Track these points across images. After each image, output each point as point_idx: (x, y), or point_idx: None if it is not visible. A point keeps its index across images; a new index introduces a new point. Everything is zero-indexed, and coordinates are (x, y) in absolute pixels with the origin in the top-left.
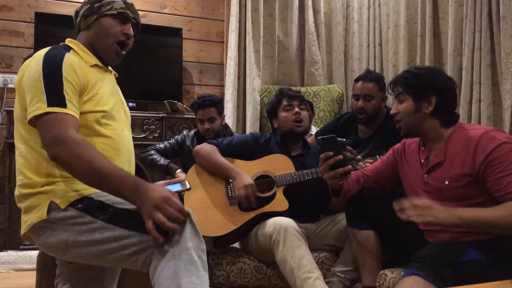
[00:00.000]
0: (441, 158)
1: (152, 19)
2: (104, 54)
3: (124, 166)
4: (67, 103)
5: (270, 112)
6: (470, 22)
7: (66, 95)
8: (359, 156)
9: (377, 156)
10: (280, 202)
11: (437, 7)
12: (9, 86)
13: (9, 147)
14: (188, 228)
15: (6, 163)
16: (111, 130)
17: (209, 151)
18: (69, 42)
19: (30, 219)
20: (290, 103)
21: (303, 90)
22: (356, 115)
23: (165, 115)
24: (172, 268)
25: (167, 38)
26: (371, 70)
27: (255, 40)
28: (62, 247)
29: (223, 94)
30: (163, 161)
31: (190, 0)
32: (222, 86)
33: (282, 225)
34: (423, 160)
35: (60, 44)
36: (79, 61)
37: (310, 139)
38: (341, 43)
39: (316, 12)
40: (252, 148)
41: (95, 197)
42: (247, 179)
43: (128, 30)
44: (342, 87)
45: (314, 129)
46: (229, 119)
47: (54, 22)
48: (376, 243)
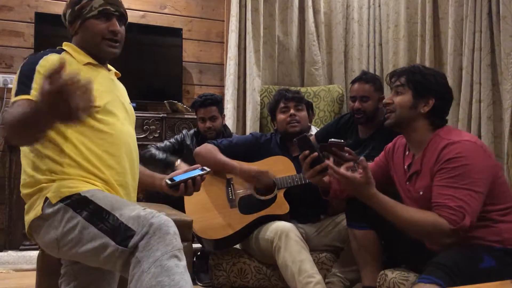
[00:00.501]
0: (417, 167)
1: (152, 19)
2: (98, 51)
3: (124, 160)
4: (31, 91)
5: (270, 113)
6: (470, 22)
7: (34, 85)
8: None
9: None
10: (281, 205)
11: (437, 7)
12: (9, 86)
13: (9, 147)
14: (153, 239)
15: (6, 163)
16: (108, 125)
17: (210, 150)
18: (65, 45)
19: (29, 217)
20: (286, 105)
21: (303, 90)
22: (354, 116)
23: (165, 115)
24: (145, 284)
25: (167, 38)
26: (367, 71)
27: (255, 40)
28: (55, 246)
29: (223, 94)
30: (161, 155)
31: (190, 0)
32: (222, 86)
33: (283, 230)
34: (405, 167)
35: (57, 48)
36: (70, 60)
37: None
38: (341, 43)
39: (316, 12)
40: (252, 148)
41: (83, 193)
42: (253, 168)
43: (113, 26)
44: (342, 87)
45: (314, 129)
46: (229, 119)
47: (54, 22)
48: (376, 243)
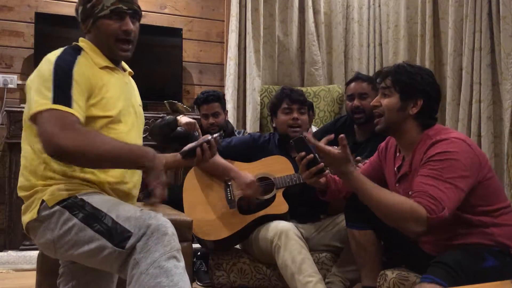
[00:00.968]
0: (406, 169)
1: (152, 19)
2: (111, 53)
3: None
4: (73, 103)
5: (271, 110)
6: (470, 22)
7: (73, 96)
8: (358, 158)
9: None
10: (280, 204)
11: (437, 7)
12: (9, 86)
13: (9, 147)
14: (150, 240)
15: (6, 163)
16: (115, 134)
17: None
18: (81, 42)
19: (25, 218)
20: (290, 106)
21: (303, 90)
22: (353, 116)
23: (165, 115)
24: (144, 286)
25: (167, 38)
26: (361, 73)
27: (255, 40)
28: (51, 247)
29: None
30: (161, 120)
31: (190, 0)
32: (222, 86)
33: (283, 230)
34: (395, 168)
35: (73, 44)
36: (89, 64)
37: None
38: (341, 43)
39: (316, 12)
40: (251, 148)
41: (79, 195)
42: (249, 176)
43: (126, 25)
44: (342, 87)
45: (315, 128)
46: (229, 119)
47: (54, 22)
48: (376, 243)
